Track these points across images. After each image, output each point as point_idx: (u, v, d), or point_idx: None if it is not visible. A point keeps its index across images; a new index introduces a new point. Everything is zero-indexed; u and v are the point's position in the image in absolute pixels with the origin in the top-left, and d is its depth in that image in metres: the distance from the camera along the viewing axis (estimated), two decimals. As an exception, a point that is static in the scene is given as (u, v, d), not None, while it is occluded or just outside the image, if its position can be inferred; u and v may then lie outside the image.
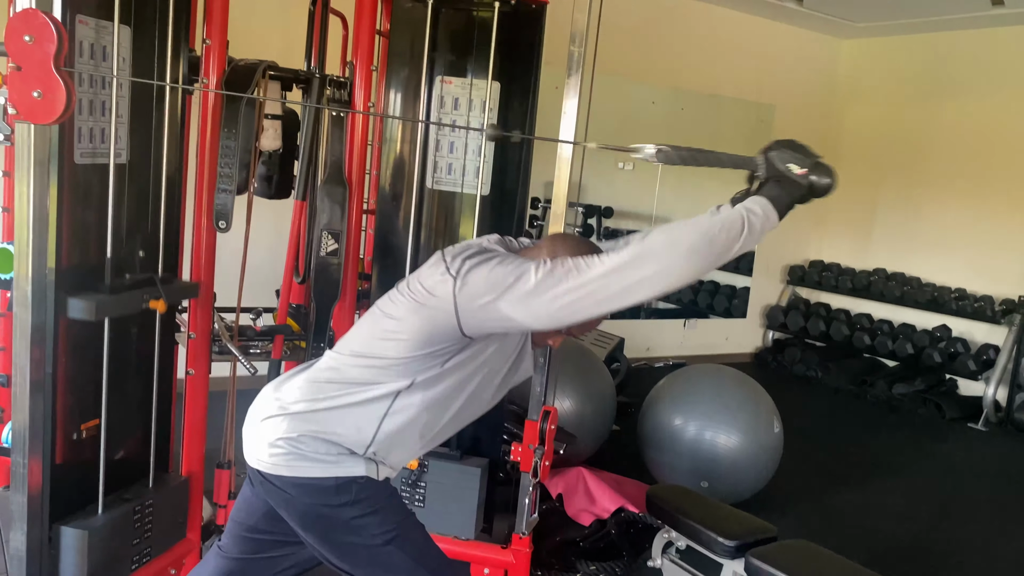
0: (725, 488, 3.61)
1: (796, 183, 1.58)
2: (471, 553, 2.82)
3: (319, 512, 1.67)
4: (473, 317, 1.57)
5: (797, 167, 1.58)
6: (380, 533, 1.68)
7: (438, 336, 1.61)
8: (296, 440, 1.65)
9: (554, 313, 1.53)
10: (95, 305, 2.10)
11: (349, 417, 1.66)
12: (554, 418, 2.69)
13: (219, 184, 2.47)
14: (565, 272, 1.51)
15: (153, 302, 2.28)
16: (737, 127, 6.96)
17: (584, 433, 3.77)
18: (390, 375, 1.65)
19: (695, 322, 7.01)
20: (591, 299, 1.50)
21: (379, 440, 1.67)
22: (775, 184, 1.59)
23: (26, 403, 1.96)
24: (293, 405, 1.68)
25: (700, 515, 2.42)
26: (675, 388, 3.85)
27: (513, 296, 1.53)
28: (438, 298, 1.59)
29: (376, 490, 1.69)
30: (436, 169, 2.81)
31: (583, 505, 3.46)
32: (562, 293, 1.50)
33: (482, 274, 1.56)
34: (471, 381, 1.71)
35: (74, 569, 2.17)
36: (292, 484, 1.65)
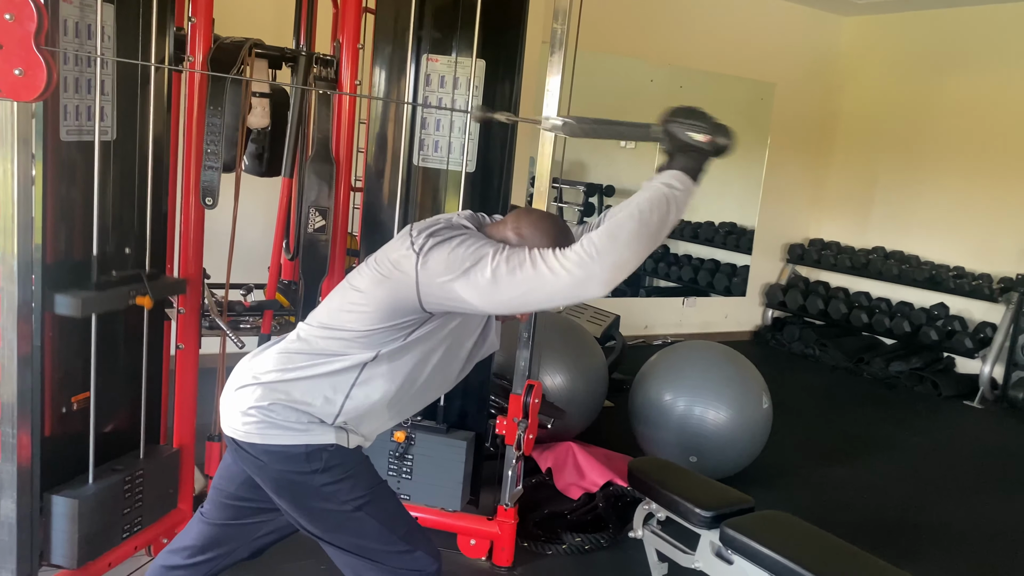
0: (713, 463, 3.65)
1: (702, 150, 1.60)
2: (457, 524, 2.88)
3: (290, 479, 1.72)
4: (432, 294, 1.61)
5: (698, 134, 1.59)
6: (350, 500, 1.73)
7: (400, 309, 1.65)
8: (267, 408, 1.69)
9: (506, 302, 1.57)
10: (81, 302, 2.15)
11: (317, 387, 1.70)
12: (538, 392, 2.74)
13: (205, 161, 2.50)
14: (519, 263, 1.54)
15: (140, 299, 2.33)
16: (737, 105, 6.94)
17: (575, 409, 3.81)
18: (355, 347, 1.69)
19: (694, 300, 7.03)
20: (542, 293, 1.53)
21: (347, 410, 1.71)
22: (682, 155, 1.61)
23: (14, 376, 2.01)
24: (265, 375, 1.72)
25: (679, 487, 2.46)
26: (665, 364, 3.89)
27: (468, 280, 1.56)
28: (401, 272, 1.63)
29: (346, 457, 1.74)
30: (422, 147, 2.84)
31: (572, 479, 3.51)
32: (514, 283, 1.54)
33: (443, 254, 1.60)
34: (435, 353, 1.75)
35: (65, 536, 2.23)
36: (264, 451, 1.70)
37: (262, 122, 2.81)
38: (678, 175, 1.59)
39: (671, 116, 1.60)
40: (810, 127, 7.19)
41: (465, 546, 2.89)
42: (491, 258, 1.56)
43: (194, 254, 2.60)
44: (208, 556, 1.94)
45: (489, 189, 2.84)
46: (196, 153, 2.53)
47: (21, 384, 2.02)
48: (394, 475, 2.86)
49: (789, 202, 7.29)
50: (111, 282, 2.29)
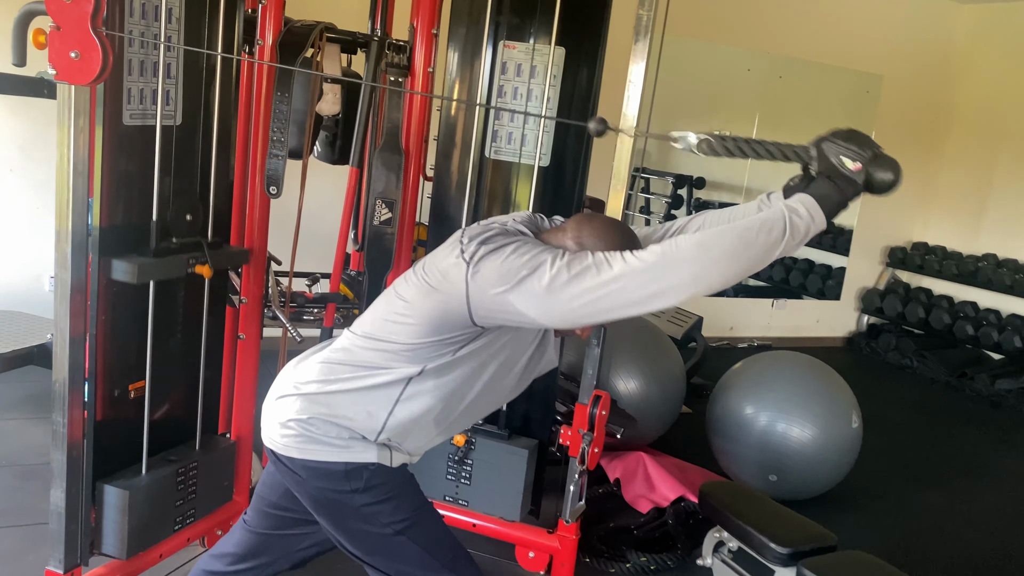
0: (795, 484, 3.42)
1: (849, 180, 1.41)
2: (516, 535, 2.76)
3: (329, 497, 1.62)
4: (484, 307, 1.47)
5: (851, 161, 1.41)
6: (392, 522, 1.62)
7: (449, 323, 1.52)
8: (306, 422, 1.59)
9: (567, 314, 1.42)
10: (137, 268, 2.10)
11: (360, 401, 1.59)
12: (606, 404, 2.57)
13: (271, 149, 2.43)
14: (582, 269, 1.39)
15: (199, 267, 2.27)
16: (840, 98, 6.55)
17: (649, 416, 3.64)
18: (400, 360, 1.57)
19: (784, 302, 6.70)
20: (607, 302, 1.38)
21: (391, 427, 1.60)
22: (826, 181, 1.43)
23: (65, 362, 1.97)
24: (306, 385, 1.62)
25: (754, 516, 2.27)
26: (748, 374, 3.66)
27: (525, 291, 1.42)
28: (450, 283, 1.50)
29: (389, 477, 1.62)
30: (495, 138, 2.70)
31: (641, 491, 3.34)
32: (577, 294, 1.38)
33: (496, 262, 1.45)
34: (486, 369, 1.61)
35: (116, 526, 2.20)
36: (302, 466, 1.60)
37: (333, 109, 2.72)
38: (809, 202, 1.41)
39: (829, 135, 1.43)
40: (920, 122, 6.73)
41: (523, 558, 2.77)
42: (549, 265, 1.41)
43: (259, 231, 2.52)
44: (249, 565, 1.87)
45: (563, 184, 2.68)
46: (263, 138, 2.45)
47: (73, 370, 1.98)
48: (452, 480, 2.75)
49: (892, 201, 6.81)
50: (170, 249, 2.22)
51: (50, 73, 1.82)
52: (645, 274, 1.35)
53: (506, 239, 1.49)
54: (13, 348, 3.14)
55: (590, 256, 1.41)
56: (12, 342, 3.17)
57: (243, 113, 2.47)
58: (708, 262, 1.34)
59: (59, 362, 1.98)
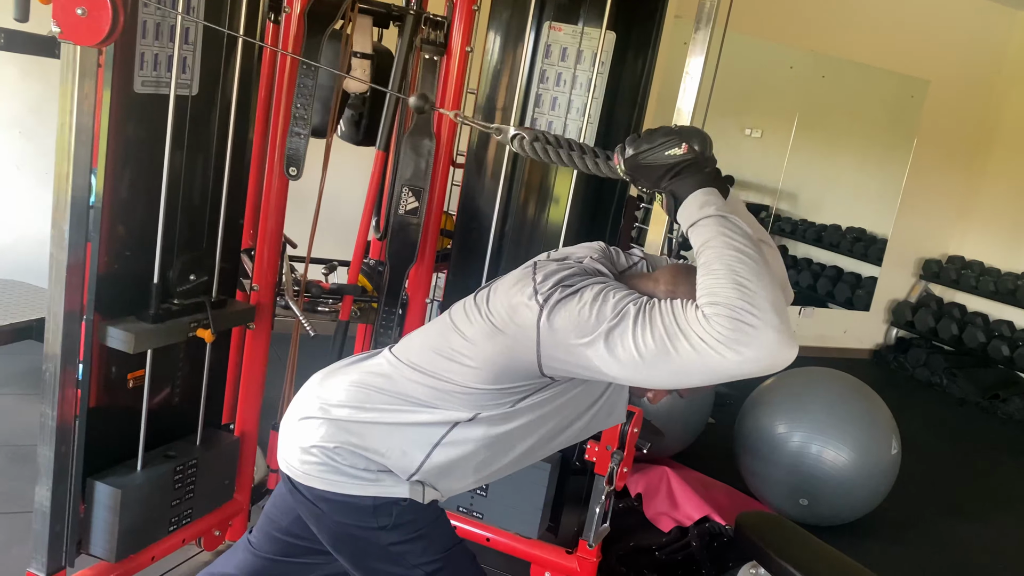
0: (827, 509, 3.23)
1: (694, 164, 1.30)
2: (533, 553, 2.58)
3: (352, 533, 1.44)
4: (556, 359, 1.28)
5: (673, 149, 1.31)
6: (421, 564, 1.44)
7: (513, 371, 1.33)
8: (332, 451, 1.41)
9: (659, 381, 1.22)
10: (134, 337, 1.92)
11: (395, 437, 1.41)
12: (638, 420, 2.39)
13: (292, 127, 2.24)
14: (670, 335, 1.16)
15: (201, 331, 2.10)
16: (883, 101, 6.30)
17: (674, 427, 3.45)
18: (450, 402, 1.38)
19: (812, 310, 6.48)
20: (700, 371, 1.15)
21: (426, 470, 1.41)
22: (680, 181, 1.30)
23: (58, 348, 1.80)
24: (335, 409, 1.44)
25: (795, 554, 2.08)
26: (782, 391, 3.46)
27: (605, 348, 1.21)
28: (519, 327, 1.29)
29: (420, 514, 1.44)
30: (534, 125, 2.50)
31: (664, 508, 3.16)
32: (673, 364, 1.16)
33: (574, 309, 1.24)
34: (545, 424, 1.43)
35: (106, 527, 2.04)
36: (323, 499, 1.42)
37: (362, 86, 2.52)
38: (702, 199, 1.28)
39: (632, 155, 1.32)
40: (965, 131, 6.47)
41: (539, 577, 2.60)
42: (632, 321, 1.19)
43: (275, 214, 2.33)
44: (256, 591, 1.70)
45: (604, 181, 2.47)
46: (284, 115, 2.26)
47: (66, 358, 1.81)
48: (468, 491, 2.57)
49: (930, 212, 6.61)
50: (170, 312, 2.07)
51: (54, 31, 1.64)
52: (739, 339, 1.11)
53: (584, 280, 1.29)
54: (11, 321, 2.97)
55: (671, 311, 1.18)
56: (10, 314, 3.00)
57: (265, 86, 2.28)
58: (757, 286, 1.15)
59: (51, 348, 1.81)
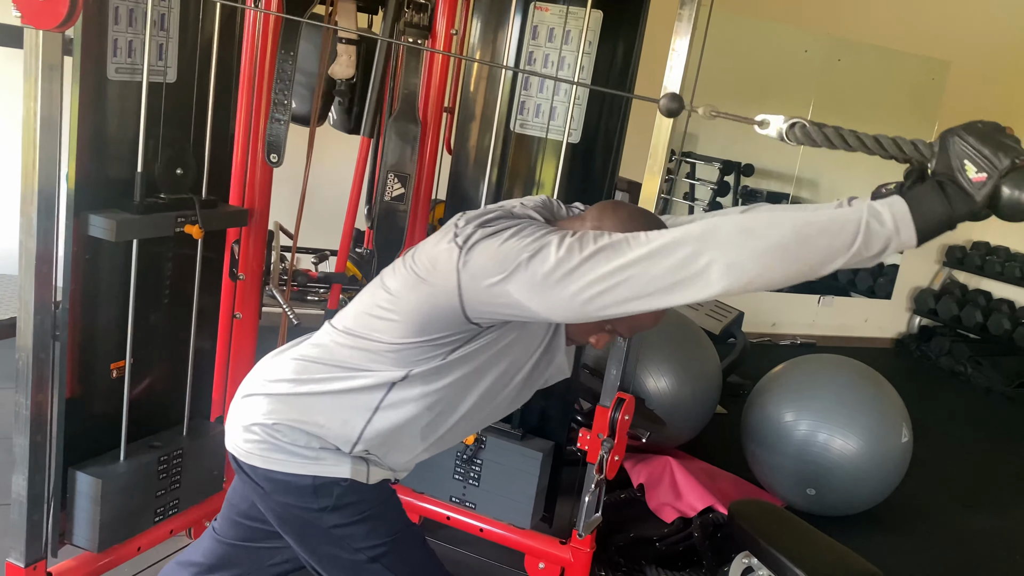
0: (834, 499, 3.15)
1: (965, 194, 1.09)
2: (526, 544, 2.54)
3: (295, 514, 1.41)
4: (479, 300, 1.24)
5: (974, 168, 1.08)
6: (366, 547, 1.41)
7: (438, 320, 1.29)
8: (272, 427, 1.38)
9: (577, 306, 1.18)
10: (115, 224, 1.88)
11: (335, 407, 1.37)
12: (629, 408, 2.33)
13: (273, 113, 2.22)
14: (596, 250, 1.16)
15: (188, 227, 2.06)
16: (902, 85, 6.14)
17: (679, 417, 3.39)
18: (381, 362, 1.35)
19: (831, 299, 6.35)
20: (625, 290, 1.14)
21: (368, 438, 1.38)
22: (934, 187, 1.11)
23: (29, 339, 1.79)
24: (275, 384, 1.41)
25: (789, 544, 2.02)
26: (790, 378, 3.39)
27: (526, 278, 1.18)
28: (440, 272, 1.27)
29: (365, 495, 1.41)
30: (522, 110, 2.46)
31: (667, 499, 3.10)
32: (588, 280, 1.15)
33: (492, 246, 1.22)
34: (483, 378, 1.39)
35: (87, 517, 2.03)
36: (265, 478, 1.40)
37: (347, 72, 2.50)
38: (900, 208, 1.10)
39: (962, 128, 1.12)
40: (987, 113, 6.09)
41: (533, 568, 2.55)
42: (556, 245, 1.18)
43: (260, 200, 2.31)
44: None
45: (593, 163, 2.43)
46: (266, 102, 2.24)
47: (38, 348, 1.80)
48: (460, 480, 2.54)
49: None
50: (157, 206, 2.01)
51: (15, 15, 1.63)
52: (671, 257, 1.12)
53: (508, 222, 1.26)
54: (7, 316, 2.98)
55: (606, 236, 1.17)
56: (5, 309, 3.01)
57: (246, 72, 2.26)
58: (749, 253, 1.10)
59: (23, 338, 1.80)
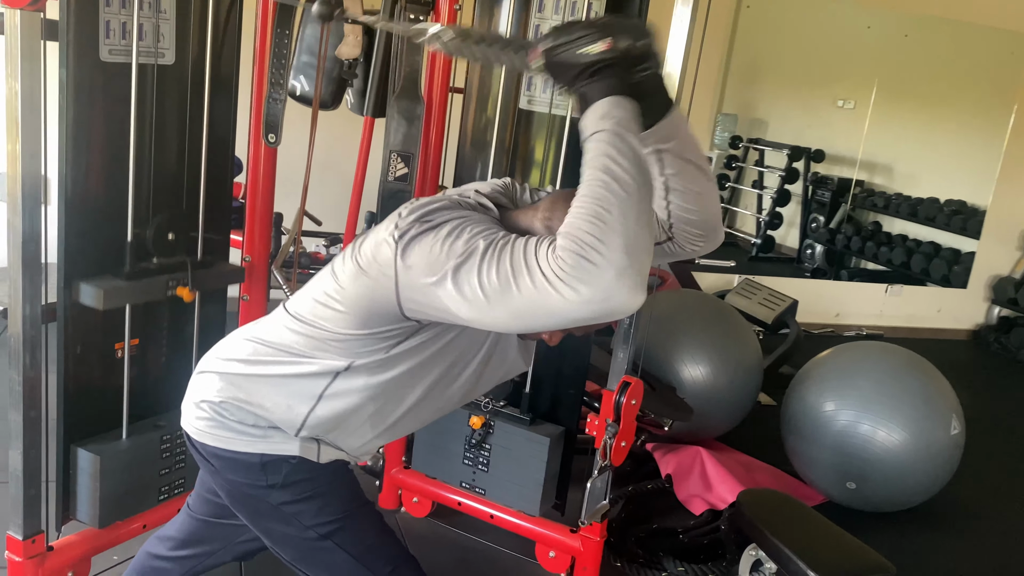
0: (877, 494, 2.98)
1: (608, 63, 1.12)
2: (536, 531, 2.49)
3: (245, 492, 1.40)
4: (414, 300, 1.19)
5: (589, 46, 1.13)
6: (316, 525, 1.38)
7: (378, 314, 1.24)
8: (219, 405, 1.37)
9: (503, 324, 1.11)
10: (102, 292, 1.91)
11: (279, 391, 1.35)
12: (636, 392, 2.24)
13: (270, 92, 2.21)
14: (514, 272, 1.06)
15: (180, 289, 2.09)
16: (976, 61, 5.80)
17: (716, 406, 3.26)
18: (326, 350, 1.32)
19: (900, 288, 6.05)
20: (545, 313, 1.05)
21: (312, 425, 1.35)
22: (589, 86, 1.13)
23: (19, 319, 1.83)
24: (225, 363, 1.40)
25: (795, 536, 1.90)
26: (832, 366, 3.22)
27: (452, 289, 1.11)
28: (378, 265, 1.21)
29: (315, 473, 1.38)
30: (529, 86, 2.40)
31: (696, 491, 2.99)
32: (509, 304, 1.07)
33: (426, 246, 1.15)
34: (428, 373, 1.34)
35: (88, 493, 2.07)
36: (215, 455, 1.38)
37: (353, 52, 2.47)
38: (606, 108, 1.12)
39: (548, 48, 1.16)
40: None
41: (543, 557, 2.49)
42: (480, 256, 1.10)
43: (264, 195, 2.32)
44: (189, 552, 1.68)
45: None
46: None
47: (28, 328, 1.84)
48: (469, 465, 2.50)
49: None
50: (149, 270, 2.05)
51: (-9, -3, 1.66)
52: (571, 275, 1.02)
53: (449, 215, 1.19)
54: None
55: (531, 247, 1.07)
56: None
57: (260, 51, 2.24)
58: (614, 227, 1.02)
59: (13, 313, 1.84)
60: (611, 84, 1.13)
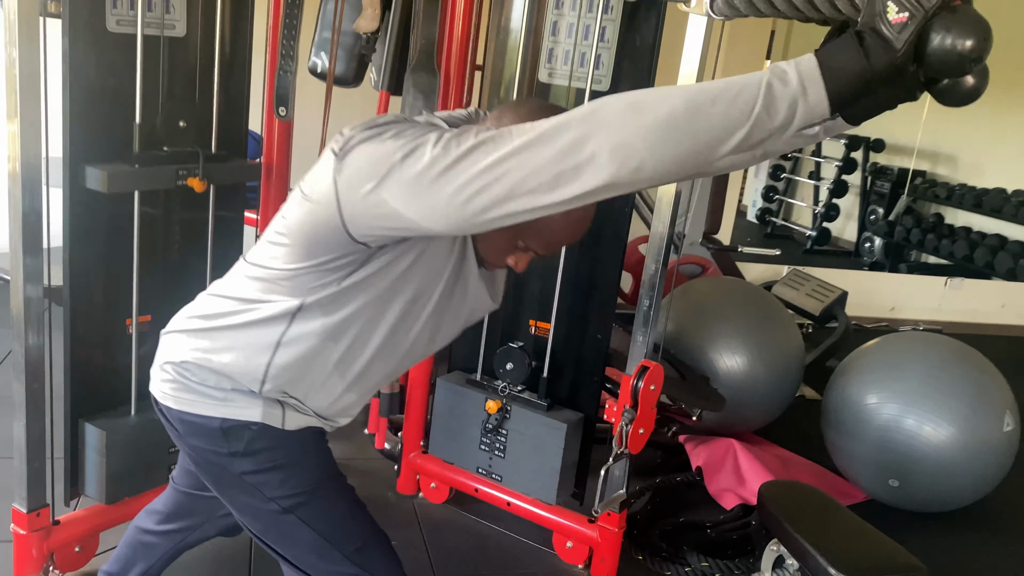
0: (922, 493, 2.81)
1: (883, 41, 0.89)
2: (553, 520, 2.41)
3: (207, 459, 1.34)
4: (358, 213, 1.11)
5: (895, 6, 0.88)
6: (279, 497, 1.31)
7: (323, 240, 1.17)
8: (181, 365, 1.31)
9: (455, 211, 1.02)
10: (107, 176, 1.86)
11: (239, 342, 1.28)
12: (655, 377, 2.14)
13: (280, 65, 2.17)
14: (474, 145, 1.01)
15: (191, 180, 2.02)
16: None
17: (753, 398, 3.12)
18: (278, 291, 1.25)
19: (960, 281, 5.77)
20: (503, 187, 0.99)
21: (274, 376, 1.28)
22: (852, 40, 0.92)
23: (20, 293, 1.81)
24: (190, 321, 1.34)
25: (817, 530, 1.77)
26: (876, 357, 3.05)
27: (399, 180, 1.04)
28: (319, 184, 1.14)
29: (279, 442, 1.32)
30: (551, 58, 2.30)
31: (728, 484, 2.86)
32: (465, 179, 1.00)
33: (366, 151, 1.08)
34: (388, 308, 1.25)
35: (95, 468, 2.06)
36: (179, 419, 1.33)
37: (371, 25, 2.42)
38: (808, 65, 0.93)
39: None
40: None
41: (561, 547, 2.40)
42: (432, 143, 1.03)
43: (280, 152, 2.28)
44: (176, 526, 1.65)
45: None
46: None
47: (29, 304, 1.82)
48: (486, 451, 2.42)
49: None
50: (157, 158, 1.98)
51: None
52: (553, 144, 0.96)
53: (396, 126, 1.11)
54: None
55: (484, 130, 1.03)
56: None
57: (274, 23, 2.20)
58: (636, 130, 0.93)
59: (15, 291, 1.83)
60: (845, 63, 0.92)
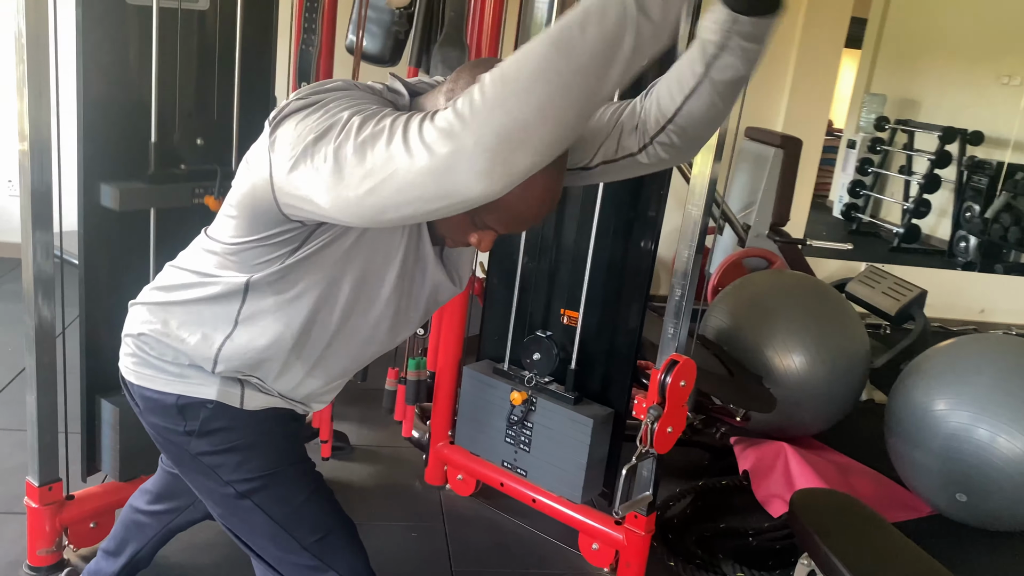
0: (992, 509, 2.57)
1: None
2: (579, 520, 2.29)
3: (165, 436, 1.28)
4: (283, 191, 1.02)
5: None
6: (235, 481, 1.24)
7: (263, 215, 1.08)
8: (139, 339, 1.26)
9: (360, 208, 0.93)
10: (119, 192, 1.86)
11: (196, 318, 1.21)
12: (686, 372, 2.00)
13: (303, 41, 2.12)
14: (372, 134, 0.90)
15: (208, 198, 2.01)
16: None
17: (810, 400, 2.93)
18: (227, 266, 1.17)
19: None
20: (391, 186, 0.89)
21: (228, 356, 1.20)
22: None
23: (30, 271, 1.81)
24: (151, 293, 1.28)
25: (851, 548, 1.60)
26: (945, 360, 2.81)
27: (308, 167, 0.96)
28: (255, 153, 1.07)
29: (237, 422, 1.24)
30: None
31: (777, 490, 2.68)
32: (362, 174, 0.90)
33: (290, 126, 1.00)
34: (338, 289, 1.16)
35: (110, 444, 2.05)
36: (139, 395, 1.28)
37: (403, 0, 2.34)
38: None
39: None
40: None
41: (586, 548, 2.29)
42: (343, 124, 0.94)
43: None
44: (164, 507, 1.61)
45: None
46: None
47: (39, 281, 1.81)
48: (511, 444, 2.32)
49: None
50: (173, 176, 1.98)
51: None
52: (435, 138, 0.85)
53: (334, 95, 1.02)
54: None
55: (392, 115, 0.92)
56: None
57: None
58: (507, 98, 0.81)
59: (25, 259, 1.82)
60: None
